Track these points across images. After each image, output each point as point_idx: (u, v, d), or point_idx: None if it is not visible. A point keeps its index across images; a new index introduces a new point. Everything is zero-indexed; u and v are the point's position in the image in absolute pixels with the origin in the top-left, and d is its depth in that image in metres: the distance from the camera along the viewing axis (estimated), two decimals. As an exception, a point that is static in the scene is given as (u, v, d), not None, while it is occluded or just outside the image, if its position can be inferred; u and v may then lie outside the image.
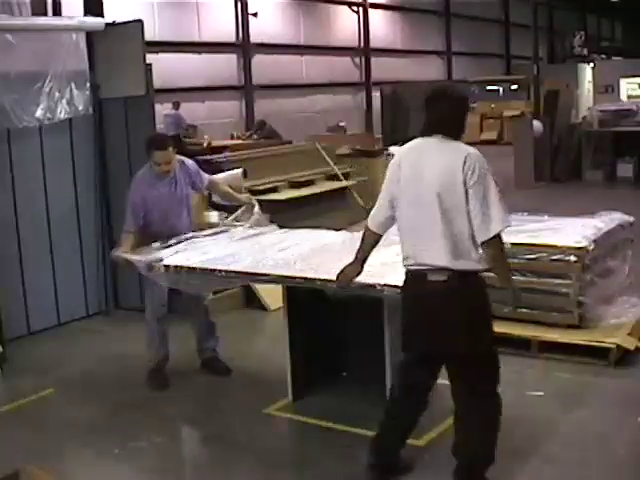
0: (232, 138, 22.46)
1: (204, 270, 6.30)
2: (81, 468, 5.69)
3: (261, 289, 9.04)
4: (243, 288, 9.15)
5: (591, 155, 18.75)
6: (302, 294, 6.22)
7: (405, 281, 4.74)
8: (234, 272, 6.17)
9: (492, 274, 4.58)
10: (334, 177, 12.90)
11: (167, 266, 6.40)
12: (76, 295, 9.05)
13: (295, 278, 5.88)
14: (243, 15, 26.71)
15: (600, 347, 6.81)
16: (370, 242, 4.89)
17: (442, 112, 4.57)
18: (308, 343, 6.42)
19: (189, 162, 7.24)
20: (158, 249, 6.67)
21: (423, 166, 4.51)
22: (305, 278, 5.80)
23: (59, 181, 8.87)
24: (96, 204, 9.16)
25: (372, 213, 4.81)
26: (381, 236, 4.89)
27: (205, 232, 7.25)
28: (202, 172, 7.35)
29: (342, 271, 5.07)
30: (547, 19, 45.54)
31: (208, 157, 13.40)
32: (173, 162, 6.92)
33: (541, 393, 6.33)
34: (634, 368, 6.80)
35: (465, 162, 4.40)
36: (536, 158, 17.96)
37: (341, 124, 25.85)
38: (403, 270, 4.73)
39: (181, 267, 6.36)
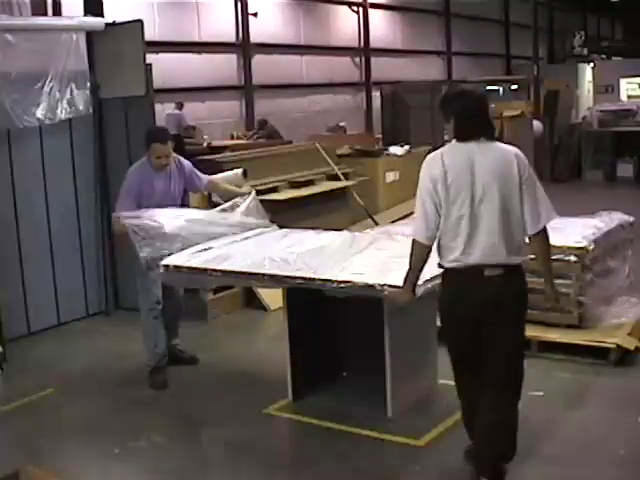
0: (232, 138, 22.45)
1: (204, 270, 6.30)
2: (81, 468, 5.69)
3: (261, 289, 9.04)
4: (243, 288, 9.15)
5: (591, 155, 18.77)
6: (302, 294, 6.22)
7: (451, 277, 4.76)
8: (233, 272, 6.17)
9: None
10: (334, 177, 12.88)
11: (166, 265, 6.40)
12: (76, 295, 9.06)
13: (294, 278, 5.87)
14: (243, 15, 26.69)
15: (600, 347, 6.81)
16: (424, 259, 4.75)
17: (479, 115, 4.73)
18: (308, 343, 6.42)
19: (185, 162, 7.26)
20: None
21: (474, 169, 4.59)
22: (304, 278, 5.79)
23: (59, 181, 8.87)
24: (96, 204, 9.16)
25: (419, 228, 4.69)
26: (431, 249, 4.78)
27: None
28: (199, 173, 7.37)
29: (392, 294, 5.10)
30: (547, 19, 45.56)
31: (208, 157, 13.41)
32: (171, 157, 6.95)
33: (541, 393, 6.33)
34: (634, 368, 6.81)
35: (517, 162, 4.62)
36: (536, 158, 17.96)
37: (341, 124, 25.83)
38: (447, 266, 4.74)
39: (181, 267, 6.35)
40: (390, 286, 5.24)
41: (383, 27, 34.34)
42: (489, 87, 37.84)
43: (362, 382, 6.54)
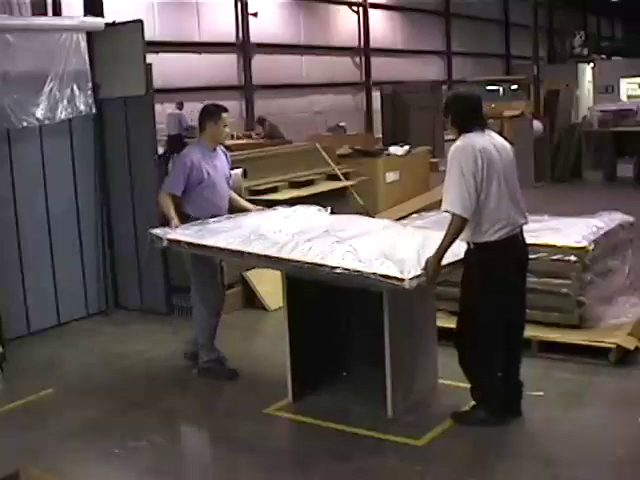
0: (232, 138, 22.44)
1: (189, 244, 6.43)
2: (81, 468, 5.68)
3: (261, 289, 9.04)
4: (243, 288, 9.15)
5: (591, 155, 18.76)
6: (302, 294, 6.23)
7: (499, 244, 5.44)
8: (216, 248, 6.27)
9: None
10: (334, 177, 12.88)
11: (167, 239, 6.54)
12: (76, 295, 9.05)
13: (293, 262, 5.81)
14: (243, 15, 26.70)
15: (600, 347, 6.81)
16: (460, 232, 5.35)
17: (481, 110, 5.76)
18: (308, 343, 6.42)
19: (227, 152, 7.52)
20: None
21: (498, 151, 5.49)
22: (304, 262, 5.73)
23: (59, 181, 8.87)
24: (96, 204, 9.17)
25: (464, 205, 5.27)
26: None
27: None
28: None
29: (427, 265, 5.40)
30: (547, 19, 45.54)
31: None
32: None
33: (541, 393, 6.33)
34: (634, 368, 6.80)
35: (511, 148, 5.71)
36: (536, 158, 17.96)
37: (341, 124, 25.82)
38: (494, 237, 5.42)
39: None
40: (382, 276, 5.27)
41: (383, 27, 34.35)
42: (489, 87, 37.92)
43: (362, 382, 6.54)
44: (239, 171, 10.25)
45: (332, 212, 7.43)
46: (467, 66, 40.34)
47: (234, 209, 7.33)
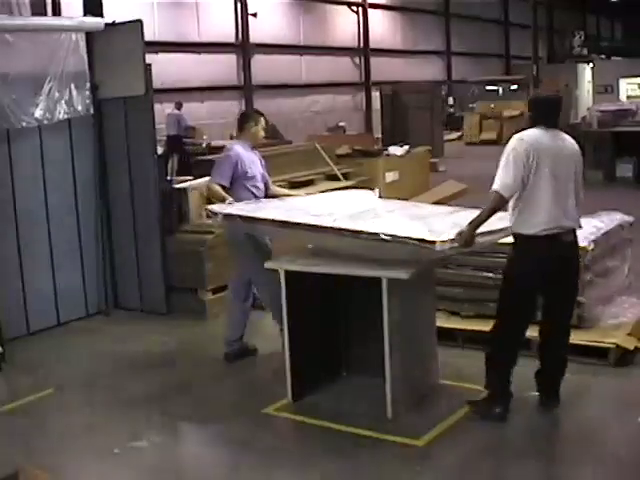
0: (231, 138, 22.44)
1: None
2: (81, 468, 5.69)
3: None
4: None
5: (590, 155, 18.74)
6: (302, 293, 6.24)
7: (534, 239, 5.62)
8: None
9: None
10: (334, 177, 12.90)
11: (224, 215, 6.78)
12: (76, 295, 9.05)
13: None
14: (243, 15, 26.72)
15: (599, 347, 6.81)
16: (497, 210, 5.62)
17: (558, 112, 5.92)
18: (308, 343, 6.42)
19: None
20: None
21: (556, 151, 5.68)
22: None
23: (59, 181, 8.86)
24: (96, 204, 9.16)
25: (507, 185, 5.54)
26: None
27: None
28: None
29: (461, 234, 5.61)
30: (546, 19, 45.58)
31: (208, 157, 13.41)
32: None
33: (541, 393, 6.32)
34: (634, 368, 6.80)
35: (579, 152, 5.89)
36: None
37: (341, 124, 25.86)
38: (531, 231, 5.61)
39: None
40: (415, 239, 5.52)
41: (383, 27, 34.37)
42: (489, 87, 37.97)
43: (362, 382, 6.54)
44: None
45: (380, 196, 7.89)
46: (467, 66, 40.38)
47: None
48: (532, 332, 6.94)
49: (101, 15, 9.58)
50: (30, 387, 7.03)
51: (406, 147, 16.84)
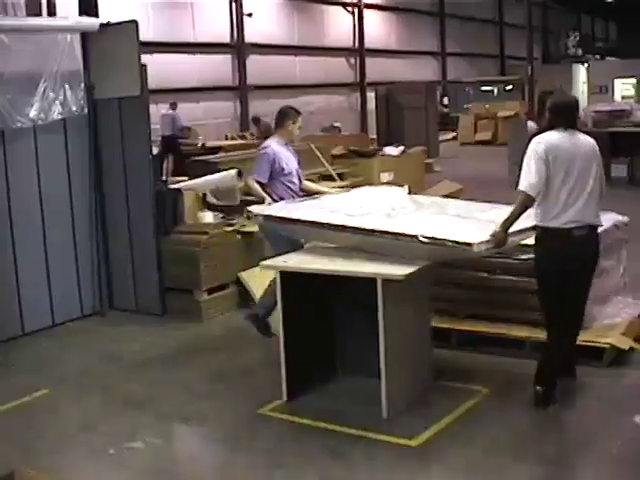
0: (226, 139, 22.44)
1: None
2: (76, 468, 5.68)
3: (256, 289, 9.03)
4: (238, 288, 9.14)
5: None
6: (297, 293, 6.24)
7: (548, 233, 5.92)
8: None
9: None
10: (329, 177, 12.91)
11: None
12: (70, 296, 9.03)
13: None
14: (238, 15, 26.71)
15: (594, 347, 6.81)
16: (526, 209, 5.87)
17: (574, 114, 6.21)
18: (303, 343, 6.42)
19: None
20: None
21: (573, 151, 5.91)
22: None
23: (53, 181, 8.85)
24: (90, 204, 9.15)
25: (531, 184, 5.79)
26: None
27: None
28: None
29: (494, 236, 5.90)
30: (541, 19, 45.63)
31: (203, 157, 13.40)
32: None
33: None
34: (628, 368, 6.81)
35: (596, 148, 6.06)
36: (530, 159, 17.94)
37: (336, 124, 25.85)
38: (550, 224, 5.87)
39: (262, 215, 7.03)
40: (455, 242, 5.80)
41: (378, 28, 34.37)
42: (484, 87, 38.01)
43: (357, 382, 6.55)
44: (234, 172, 10.26)
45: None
46: (461, 67, 40.42)
47: (311, 194, 7.99)
48: (526, 333, 6.97)
49: (96, 15, 9.56)
50: (25, 388, 7.03)
51: (401, 147, 16.85)
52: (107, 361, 7.73)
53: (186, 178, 10.93)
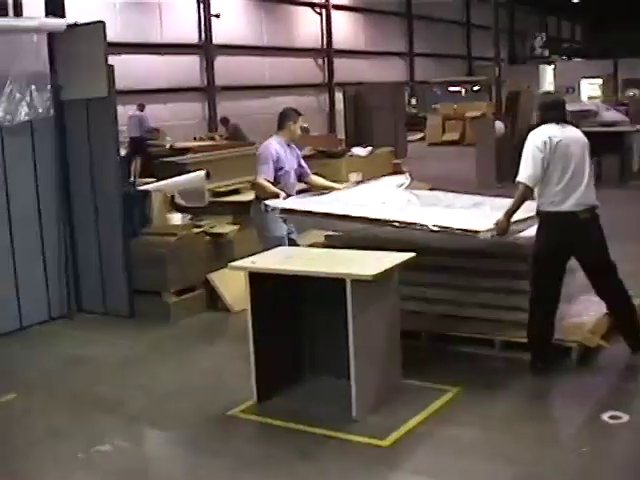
0: (194, 140, 22.36)
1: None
2: (44, 474, 5.64)
3: (224, 291, 9.02)
4: (206, 290, 9.12)
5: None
6: (266, 295, 6.23)
7: (553, 217, 6.49)
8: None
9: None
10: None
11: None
12: (38, 299, 8.96)
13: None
14: (205, 16, 26.65)
15: (562, 345, 6.86)
16: (526, 199, 6.51)
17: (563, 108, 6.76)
18: (272, 344, 6.41)
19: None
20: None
21: (568, 142, 6.50)
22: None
23: (20, 183, 8.77)
24: (58, 206, 9.09)
25: (529, 175, 6.42)
26: None
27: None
28: (304, 162, 8.62)
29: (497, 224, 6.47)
30: (508, 20, 45.90)
31: (171, 159, 13.34)
32: None
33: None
34: (596, 366, 6.87)
35: (585, 137, 6.70)
36: (498, 159, 18.04)
37: (304, 125, 25.82)
38: (551, 208, 6.46)
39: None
40: (463, 230, 6.37)
41: (346, 28, 34.44)
42: (451, 88, 38.19)
43: (327, 383, 6.55)
44: (202, 173, 10.23)
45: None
46: (429, 67, 40.59)
47: (319, 189, 8.49)
48: (494, 331, 7.00)
49: (63, 16, 9.48)
50: (-8, 392, 6.97)
51: (369, 148, 16.89)
52: (75, 364, 7.68)
53: (154, 180, 10.87)
